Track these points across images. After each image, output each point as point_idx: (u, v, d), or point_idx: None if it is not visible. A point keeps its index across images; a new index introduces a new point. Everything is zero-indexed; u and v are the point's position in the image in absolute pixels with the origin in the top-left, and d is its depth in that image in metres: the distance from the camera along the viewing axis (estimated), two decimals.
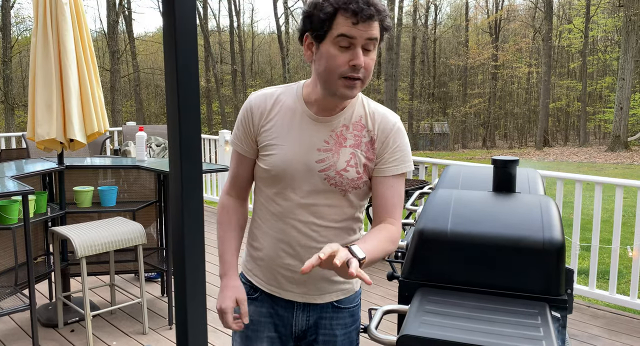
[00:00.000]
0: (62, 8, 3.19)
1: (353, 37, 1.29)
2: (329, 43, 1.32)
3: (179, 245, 0.76)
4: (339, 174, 1.41)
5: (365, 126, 1.45)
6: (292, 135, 1.43)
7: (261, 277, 1.54)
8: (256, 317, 1.55)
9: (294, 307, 1.54)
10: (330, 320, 1.54)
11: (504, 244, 1.28)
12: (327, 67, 1.33)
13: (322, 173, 1.41)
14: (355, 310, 1.58)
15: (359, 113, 1.45)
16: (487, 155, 22.06)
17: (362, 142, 1.44)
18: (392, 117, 1.48)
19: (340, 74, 1.32)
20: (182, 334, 0.78)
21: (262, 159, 1.47)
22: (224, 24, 41.31)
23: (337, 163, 1.41)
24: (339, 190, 1.43)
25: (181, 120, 0.71)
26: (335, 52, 1.31)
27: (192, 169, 0.74)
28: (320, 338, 1.55)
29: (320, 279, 1.50)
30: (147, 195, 3.89)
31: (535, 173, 1.80)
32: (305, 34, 1.37)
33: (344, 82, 1.33)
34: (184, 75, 0.71)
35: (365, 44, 1.32)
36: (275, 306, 1.54)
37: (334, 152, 1.42)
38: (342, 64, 1.31)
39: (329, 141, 1.42)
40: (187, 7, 0.69)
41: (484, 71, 35.98)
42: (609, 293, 3.85)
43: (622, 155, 18.68)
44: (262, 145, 1.46)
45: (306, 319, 1.54)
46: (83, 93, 3.33)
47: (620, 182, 3.77)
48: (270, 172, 1.44)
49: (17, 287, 3.22)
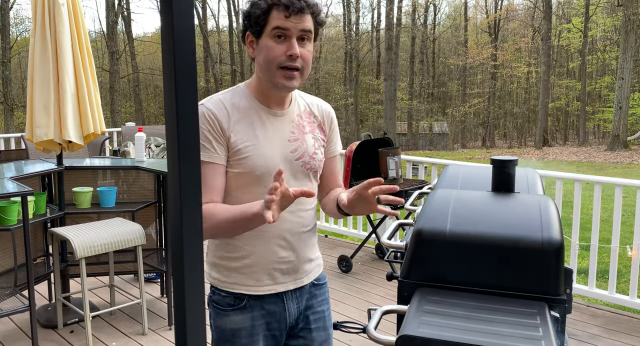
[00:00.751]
0: (59, 9, 3.19)
1: (287, 28, 1.40)
2: (266, 37, 1.42)
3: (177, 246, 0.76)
4: (312, 158, 1.56)
5: (312, 113, 1.61)
6: (261, 133, 1.48)
7: (250, 283, 1.53)
8: (248, 323, 1.55)
9: (284, 299, 1.57)
10: (314, 298, 1.64)
11: (503, 244, 1.28)
12: (265, 59, 1.42)
13: (299, 161, 1.53)
14: (326, 285, 1.72)
15: (302, 103, 1.61)
16: (486, 155, 22.07)
17: (315, 127, 1.61)
18: (325, 102, 1.69)
19: (278, 64, 1.41)
20: (180, 335, 0.78)
21: (237, 164, 1.46)
22: (223, 25, 41.33)
23: (307, 148, 1.55)
24: (312, 173, 1.57)
25: (179, 120, 0.71)
26: (272, 44, 1.41)
27: (190, 170, 0.74)
28: (311, 317, 1.63)
29: (306, 261, 1.60)
30: (147, 196, 3.89)
31: (534, 173, 1.80)
32: (246, 32, 1.47)
33: (282, 73, 1.42)
34: (181, 75, 0.70)
35: (300, 35, 1.42)
36: (265, 305, 1.56)
37: (301, 139, 1.55)
38: (279, 54, 1.41)
39: (294, 131, 1.54)
40: (184, 6, 0.69)
41: (483, 71, 36.00)
42: (608, 293, 3.85)
43: (622, 154, 18.69)
44: (235, 150, 1.45)
45: (297, 306, 1.60)
46: (79, 94, 3.32)
47: (620, 182, 3.77)
48: (253, 173, 1.45)
49: (17, 288, 3.21)
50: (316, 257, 1.67)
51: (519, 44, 34.76)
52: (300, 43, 1.42)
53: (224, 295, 1.56)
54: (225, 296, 1.56)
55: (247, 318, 1.55)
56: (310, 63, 1.47)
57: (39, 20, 3.20)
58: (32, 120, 3.25)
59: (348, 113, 32.30)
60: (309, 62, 1.46)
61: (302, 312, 1.62)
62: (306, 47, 1.43)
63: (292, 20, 1.39)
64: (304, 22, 1.41)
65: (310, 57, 1.45)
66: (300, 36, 1.42)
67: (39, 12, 3.19)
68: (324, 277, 1.71)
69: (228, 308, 1.55)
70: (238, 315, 1.54)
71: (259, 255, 1.52)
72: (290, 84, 1.44)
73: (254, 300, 1.55)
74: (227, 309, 1.56)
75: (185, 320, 0.77)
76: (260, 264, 1.53)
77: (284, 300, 1.58)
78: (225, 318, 1.56)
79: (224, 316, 1.56)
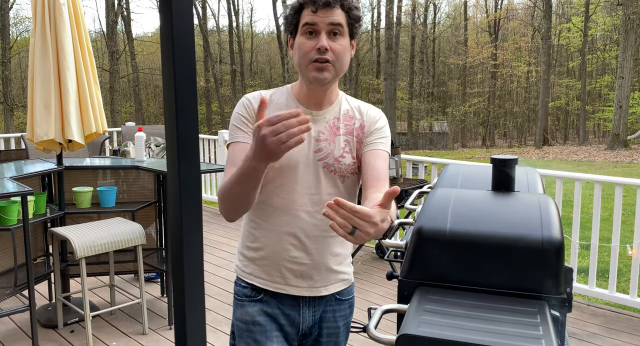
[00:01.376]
0: (59, 9, 3.19)
1: (315, 23, 1.41)
2: (299, 35, 1.45)
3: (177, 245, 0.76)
4: (337, 161, 1.51)
5: (354, 116, 1.58)
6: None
7: (264, 277, 1.54)
8: (262, 317, 1.53)
9: (300, 304, 1.55)
10: (333, 312, 1.60)
11: (503, 243, 1.28)
12: (298, 56, 1.45)
13: (321, 161, 1.50)
14: (352, 301, 1.67)
15: (345, 108, 1.58)
16: (486, 154, 22.06)
17: (353, 129, 1.56)
18: (376, 108, 1.64)
19: (309, 59, 1.43)
20: (180, 334, 0.78)
21: None
22: (223, 24, 41.32)
23: (334, 150, 1.51)
24: (338, 177, 1.52)
25: (179, 120, 0.71)
26: (303, 40, 1.43)
27: (190, 169, 0.74)
28: (324, 331, 1.60)
29: (325, 270, 1.55)
30: (147, 196, 3.89)
31: (534, 172, 1.80)
32: (288, 35, 1.50)
33: (314, 66, 1.43)
34: (181, 75, 0.70)
35: (330, 29, 1.42)
36: (281, 305, 1.54)
37: (330, 141, 1.52)
38: (309, 49, 1.42)
39: (324, 132, 1.52)
40: (184, 5, 0.69)
41: (483, 70, 35.99)
42: (608, 292, 3.85)
43: (622, 153, 18.68)
44: None
45: (312, 314, 1.57)
46: (81, 93, 3.32)
47: (620, 181, 3.77)
48: (274, 165, 1.45)
49: (17, 288, 3.21)
50: (342, 270, 1.60)
51: (519, 43, 34.75)
52: (332, 37, 1.42)
53: (243, 286, 1.57)
54: (245, 287, 1.57)
55: (261, 313, 1.53)
56: (343, 57, 1.45)
57: (39, 20, 3.19)
58: (32, 120, 3.25)
59: None
60: (341, 56, 1.44)
61: (316, 322, 1.59)
62: (337, 41, 1.43)
63: (319, 15, 1.40)
64: (333, 15, 1.41)
65: (343, 51, 1.44)
66: (330, 30, 1.42)
67: (39, 12, 3.19)
68: (350, 293, 1.65)
69: (245, 299, 1.56)
70: (253, 308, 1.54)
71: (271, 249, 1.52)
72: (322, 76, 1.43)
73: (270, 297, 1.54)
74: (243, 300, 1.56)
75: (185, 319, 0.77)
76: (272, 259, 1.53)
77: (300, 305, 1.56)
78: (242, 309, 1.56)
79: (241, 307, 1.56)
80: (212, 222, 6.16)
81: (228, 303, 3.85)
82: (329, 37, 1.42)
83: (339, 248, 1.58)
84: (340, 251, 1.59)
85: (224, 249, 5.12)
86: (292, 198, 1.49)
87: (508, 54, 34.06)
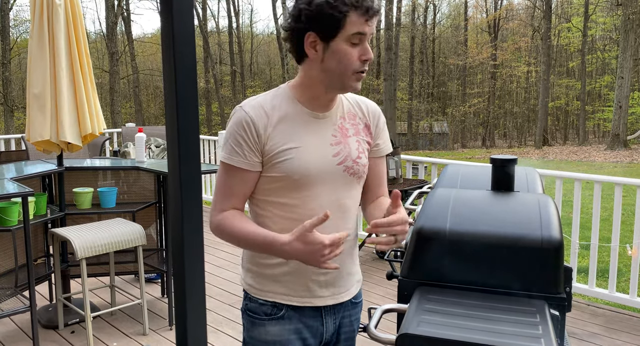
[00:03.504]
0: (56, 10, 3.19)
1: (365, 33, 1.35)
2: (341, 41, 1.34)
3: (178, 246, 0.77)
4: (355, 162, 1.48)
5: (356, 114, 1.54)
6: (302, 136, 1.41)
7: (288, 292, 1.47)
8: (285, 336, 1.47)
9: (322, 314, 1.51)
10: (350, 317, 1.58)
11: (503, 243, 1.28)
12: (340, 64, 1.36)
13: (341, 165, 1.45)
14: (362, 303, 1.65)
15: (346, 105, 1.53)
16: (486, 155, 22.06)
17: (360, 129, 1.53)
18: (371, 101, 1.61)
19: (354, 70, 1.37)
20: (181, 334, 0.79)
21: (273, 168, 1.40)
22: (223, 25, 41.30)
23: (350, 152, 1.47)
24: (356, 179, 1.49)
25: (179, 121, 0.72)
26: (349, 49, 1.35)
27: (190, 170, 0.74)
28: (342, 336, 1.57)
29: (346, 275, 1.53)
30: (147, 196, 3.89)
31: (534, 172, 1.81)
32: (307, 32, 1.35)
33: (356, 76, 1.39)
34: (181, 76, 0.71)
35: (369, 38, 1.39)
36: (303, 318, 1.49)
37: (344, 143, 1.47)
38: (355, 60, 1.36)
39: (336, 134, 1.47)
40: (184, 7, 0.69)
41: (483, 70, 36.00)
42: (608, 292, 3.86)
43: (621, 153, 18.69)
44: (273, 153, 1.39)
45: (334, 322, 1.53)
46: (77, 95, 3.32)
47: (620, 181, 3.77)
48: (291, 178, 1.39)
49: (17, 289, 3.22)
50: (356, 271, 1.59)
51: (518, 44, 34.76)
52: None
53: (260, 303, 1.48)
54: (262, 304, 1.48)
55: (284, 331, 1.47)
56: None
57: (37, 21, 3.20)
58: (29, 121, 3.26)
59: None
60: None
61: (336, 329, 1.56)
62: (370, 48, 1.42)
63: (369, 24, 1.34)
64: (375, 24, 1.38)
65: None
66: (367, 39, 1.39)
67: (37, 13, 3.20)
68: (361, 295, 1.64)
69: (264, 317, 1.47)
70: (275, 326, 1.47)
71: (295, 264, 1.44)
72: (359, 86, 1.42)
73: (292, 311, 1.47)
74: (263, 318, 1.48)
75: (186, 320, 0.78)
76: (297, 274, 1.46)
77: (322, 315, 1.51)
78: (261, 329, 1.48)
79: (259, 326, 1.48)
80: None
81: (228, 303, 3.85)
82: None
83: (355, 248, 1.57)
84: (355, 251, 1.58)
85: (224, 249, 5.12)
86: (314, 209, 1.42)
87: (508, 54, 34.07)
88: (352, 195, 1.50)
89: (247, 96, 32.81)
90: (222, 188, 1.43)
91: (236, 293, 4.04)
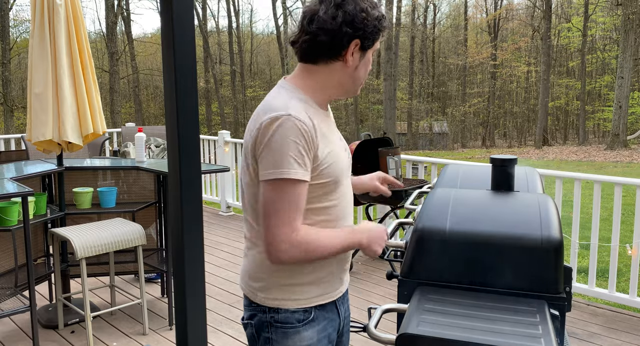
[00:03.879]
0: (57, 10, 3.19)
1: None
2: (370, 52, 1.47)
3: (178, 245, 0.77)
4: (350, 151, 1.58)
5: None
6: (331, 138, 1.45)
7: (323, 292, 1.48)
8: (317, 337, 1.48)
9: (336, 305, 1.53)
10: (347, 302, 1.64)
11: (503, 242, 1.28)
12: (365, 73, 1.50)
13: (349, 158, 1.55)
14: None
15: None
16: (486, 155, 22.07)
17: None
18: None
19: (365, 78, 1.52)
20: (181, 334, 0.79)
21: (321, 174, 1.38)
22: (223, 25, 41.30)
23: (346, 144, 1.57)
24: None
25: (180, 120, 0.72)
26: (371, 60, 1.50)
27: (190, 170, 0.74)
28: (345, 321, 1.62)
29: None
30: (147, 196, 3.89)
31: (534, 172, 1.81)
32: (355, 39, 1.39)
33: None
34: (181, 76, 0.71)
35: None
36: (327, 314, 1.50)
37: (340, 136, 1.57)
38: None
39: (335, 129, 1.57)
40: (184, 7, 0.70)
41: (483, 70, 36.01)
42: (608, 292, 3.86)
43: (621, 153, 18.69)
44: (322, 160, 1.37)
45: (344, 310, 1.59)
46: (78, 95, 3.32)
47: (619, 180, 3.77)
48: (334, 180, 1.41)
49: (17, 289, 3.22)
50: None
51: (518, 44, 34.76)
52: None
53: (292, 311, 1.45)
54: (294, 312, 1.45)
55: (315, 332, 1.48)
56: None
57: (38, 21, 3.20)
58: (31, 121, 3.26)
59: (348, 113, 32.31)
60: None
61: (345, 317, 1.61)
62: None
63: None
64: None
65: None
66: None
67: (38, 13, 3.20)
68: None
69: (298, 324, 1.45)
70: (308, 330, 1.46)
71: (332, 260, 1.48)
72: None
73: (318, 311, 1.48)
74: (296, 326, 1.45)
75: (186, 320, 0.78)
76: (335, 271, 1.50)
77: (336, 306, 1.53)
78: (295, 336, 1.46)
79: (294, 334, 1.45)
80: (212, 222, 6.17)
81: (228, 303, 3.85)
82: None
83: None
84: None
85: (224, 249, 5.12)
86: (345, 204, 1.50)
87: (508, 54, 34.08)
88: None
89: (247, 96, 32.83)
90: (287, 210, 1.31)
91: (236, 293, 4.04)
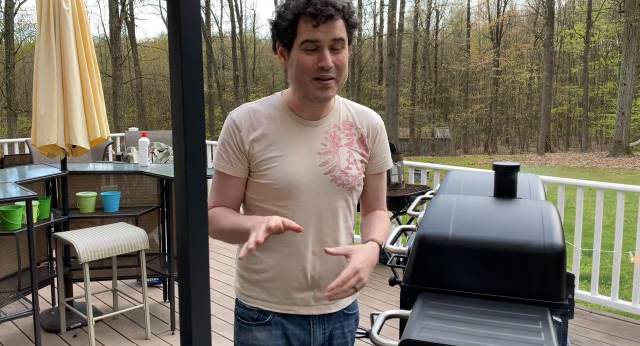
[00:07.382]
0: (64, 15, 3.22)
1: (317, 40, 1.31)
2: (296, 49, 1.34)
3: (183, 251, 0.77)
4: (344, 173, 1.45)
5: (353, 124, 1.51)
6: (288, 144, 1.41)
7: (270, 299, 1.47)
8: (272, 342, 1.47)
9: (310, 323, 1.49)
10: (342, 328, 1.56)
11: (505, 249, 1.28)
12: (297, 72, 1.35)
13: (328, 175, 1.43)
14: (358, 314, 1.63)
15: (345, 114, 1.51)
16: (488, 161, 22.05)
17: (354, 140, 1.50)
18: (375, 114, 1.57)
19: (310, 77, 1.34)
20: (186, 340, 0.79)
21: (260, 175, 1.41)
22: (226, 30, 41.48)
23: (339, 162, 1.45)
24: (346, 190, 1.47)
25: (186, 125, 0.72)
26: (303, 57, 1.33)
27: (197, 175, 0.75)
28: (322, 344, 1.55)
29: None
30: (150, 201, 3.90)
31: (536, 179, 1.81)
32: (276, 43, 1.39)
33: (316, 84, 1.34)
34: (189, 83, 0.72)
35: (332, 44, 1.33)
36: (290, 325, 1.48)
37: (333, 153, 1.45)
38: (310, 67, 1.33)
39: (326, 143, 1.45)
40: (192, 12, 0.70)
41: (485, 76, 36.02)
42: (611, 299, 3.85)
43: (624, 160, 18.66)
44: (259, 160, 1.40)
45: (323, 332, 1.52)
46: (86, 99, 3.35)
47: (622, 187, 3.77)
48: (274, 185, 1.40)
49: (20, 292, 3.23)
50: None
51: (521, 50, 34.79)
52: (333, 52, 1.34)
53: (248, 309, 1.49)
54: (249, 310, 1.48)
55: (271, 337, 1.46)
56: (345, 68, 1.38)
57: (44, 26, 3.22)
58: (36, 125, 3.27)
59: None
60: (343, 69, 1.37)
61: (327, 340, 1.54)
62: (340, 54, 1.34)
63: (321, 30, 1.30)
64: (335, 30, 1.31)
65: (345, 62, 1.37)
66: (332, 45, 1.33)
67: (44, 18, 3.22)
68: (356, 306, 1.61)
69: (252, 322, 1.48)
70: (262, 332, 1.46)
71: (279, 270, 1.45)
72: (325, 95, 1.35)
73: (279, 317, 1.47)
74: (250, 323, 1.48)
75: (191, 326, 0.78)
76: (279, 280, 1.45)
77: (310, 324, 1.50)
78: (248, 334, 1.48)
79: (247, 331, 1.48)
80: None
81: (229, 308, 3.85)
82: (331, 52, 1.33)
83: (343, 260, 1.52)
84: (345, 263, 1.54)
85: (225, 254, 5.12)
86: (298, 217, 1.41)
87: (510, 60, 34.10)
88: (343, 205, 1.48)
89: (250, 101, 32.84)
90: (212, 192, 1.49)
91: None
